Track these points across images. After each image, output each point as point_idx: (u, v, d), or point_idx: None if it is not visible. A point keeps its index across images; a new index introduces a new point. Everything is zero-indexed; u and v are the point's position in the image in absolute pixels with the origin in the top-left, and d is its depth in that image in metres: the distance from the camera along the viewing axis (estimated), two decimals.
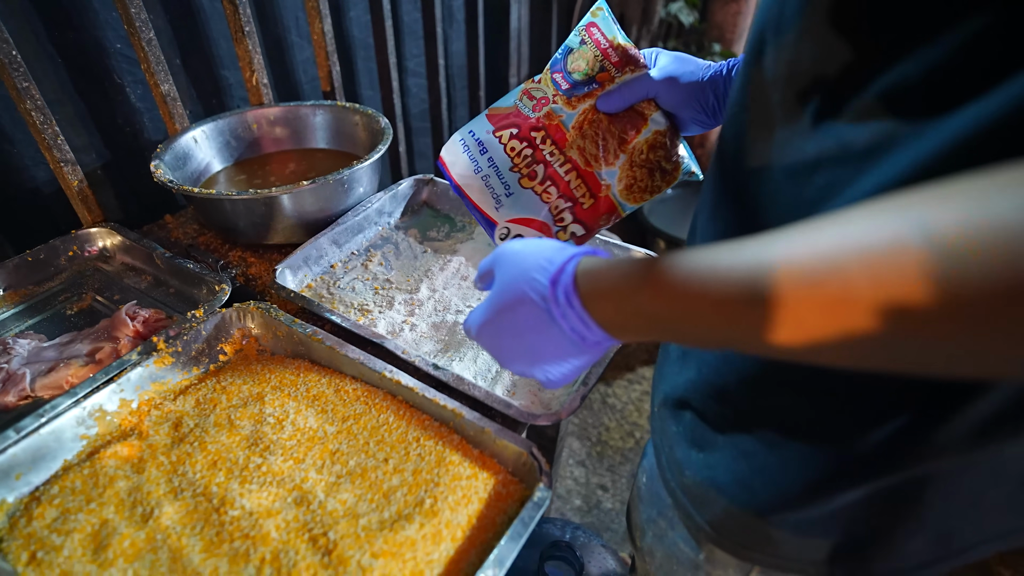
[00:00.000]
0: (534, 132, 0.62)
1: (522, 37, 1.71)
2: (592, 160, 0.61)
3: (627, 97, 0.58)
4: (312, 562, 0.47)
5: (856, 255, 0.22)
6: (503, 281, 0.38)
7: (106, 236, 0.87)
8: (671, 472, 0.49)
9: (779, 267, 0.24)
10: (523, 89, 0.63)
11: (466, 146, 0.66)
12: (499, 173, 0.63)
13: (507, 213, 0.64)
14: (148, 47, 0.86)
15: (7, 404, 0.64)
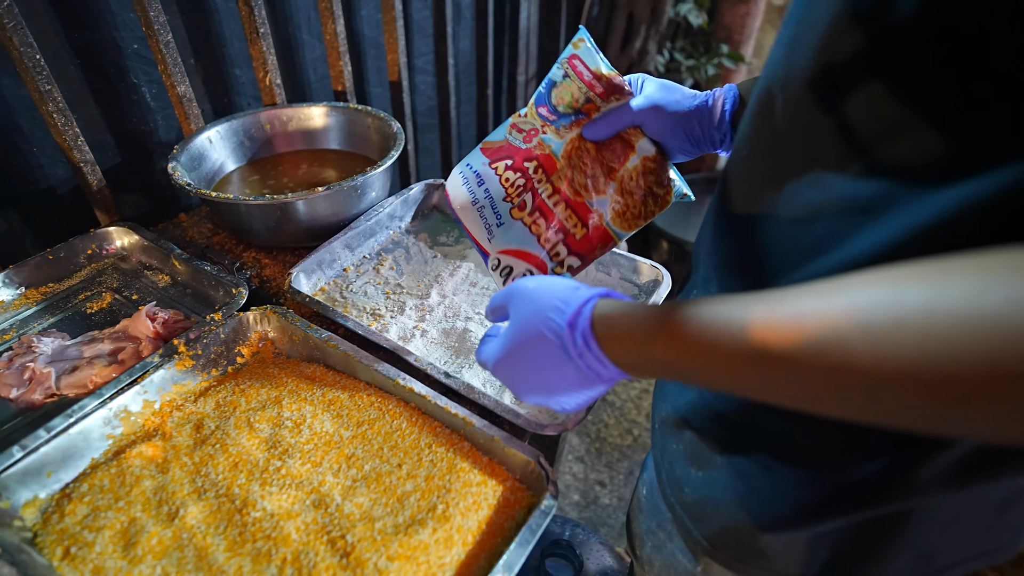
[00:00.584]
0: (527, 162, 0.63)
1: (531, 35, 1.72)
2: (581, 190, 0.61)
3: (612, 125, 0.58)
4: (331, 563, 0.50)
5: (859, 328, 0.24)
6: (519, 319, 0.40)
7: (123, 235, 0.88)
8: (671, 488, 0.51)
9: (788, 331, 0.26)
10: (511, 123, 0.65)
11: (465, 179, 0.67)
12: (493, 204, 0.65)
13: (499, 244, 0.64)
14: (166, 49, 0.87)
15: (33, 402, 0.67)
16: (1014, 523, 0.42)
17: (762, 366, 0.27)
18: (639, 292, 0.84)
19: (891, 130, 0.28)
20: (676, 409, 0.49)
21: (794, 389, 0.27)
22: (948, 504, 0.38)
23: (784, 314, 0.26)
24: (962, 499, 0.38)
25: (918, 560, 0.41)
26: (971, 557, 0.42)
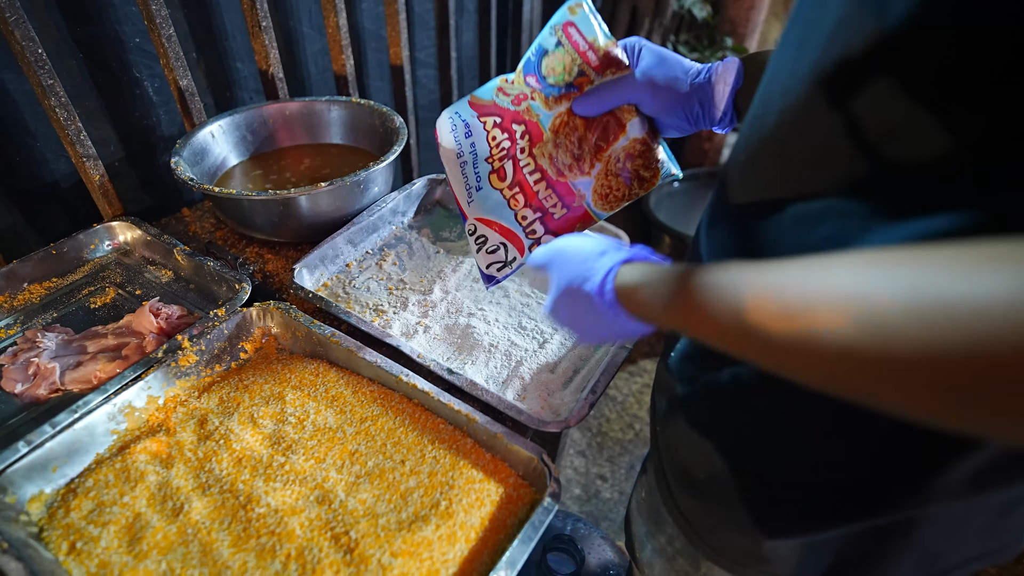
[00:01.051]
0: (515, 125, 0.60)
1: (534, 28, 1.71)
2: (565, 169, 0.59)
3: (605, 102, 0.55)
4: (335, 559, 0.50)
5: (825, 299, 0.25)
6: (559, 284, 0.46)
7: (126, 230, 0.88)
8: (671, 491, 0.51)
9: (763, 300, 0.28)
10: (497, 86, 0.61)
11: (454, 126, 0.64)
12: (475, 162, 0.62)
13: (476, 210, 0.63)
14: (168, 43, 0.87)
15: (38, 397, 0.67)
16: (1017, 525, 0.42)
17: (751, 338, 0.28)
18: None
19: (902, 129, 0.28)
20: (675, 411, 0.49)
21: (772, 360, 0.28)
22: (955, 510, 0.38)
23: (784, 300, 0.27)
24: (969, 505, 0.38)
25: (921, 562, 0.41)
26: (974, 558, 0.42)
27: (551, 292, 0.47)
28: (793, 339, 0.26)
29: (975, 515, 0.39)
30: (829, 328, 0.24)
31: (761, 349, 0.28)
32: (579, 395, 0.68)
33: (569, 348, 0.75)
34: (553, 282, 0.47)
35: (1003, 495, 0.38)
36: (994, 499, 0.38)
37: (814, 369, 0.26)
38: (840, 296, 0.24)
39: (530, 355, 0.73)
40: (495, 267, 0.65)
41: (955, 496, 0.35)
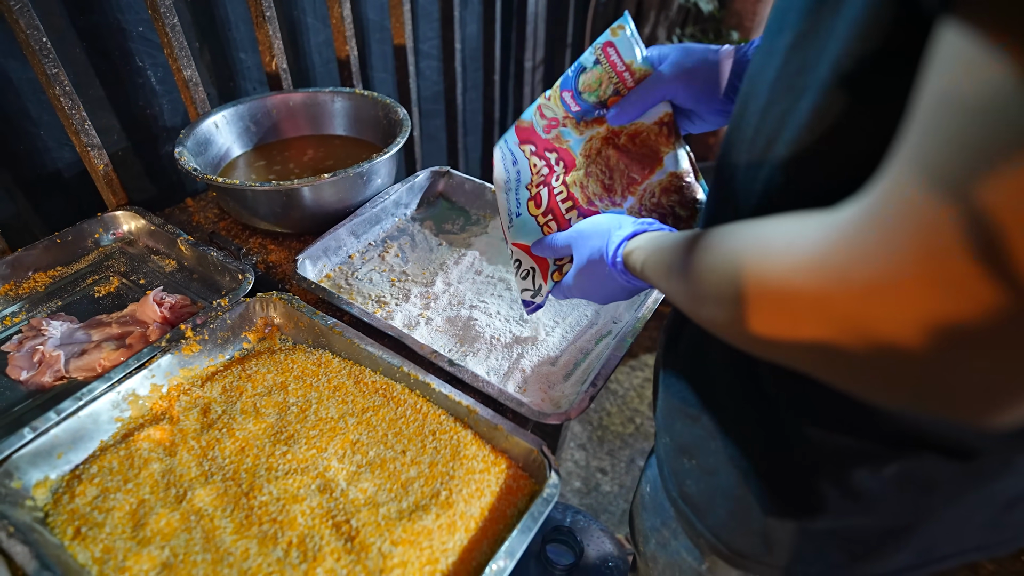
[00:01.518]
0: (548, 152, 0.61)
1: (539, 21, 1.70)
2: (595, 199, 0.58)
3: (639, 104, 0.54)
4: (336, 547, 0.51)
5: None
6: (582, 257, 0.53)
7: (130, 219, 0.89)
8: (672, 482, 0.52)
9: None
10: (537, 105, 0.61)
11: (503, 155, 0.64)
12: (518, 188, 0.62)
13: (514, 236, 0.64)
14: (172, 32, 0.87)
15: (43, 384, 0.67)
16: (1018, 520, 0.42)
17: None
18: None
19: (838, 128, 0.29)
20: (674, 401, 0.50)
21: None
22: (960, 505, 0.39)
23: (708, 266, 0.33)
24: (971, 502, 0.38)
25: (919, 552, 0.42)
26: (971, 549, 0.43)
27: (573, 267, 0.55)
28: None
29: (980, 511, 0.40)
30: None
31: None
32: (580, 388, 0.69)
33: (570, 341, 0.75)
34: (575, 258, 0.54)
35: (1009, 490, 0.38)
36: (999, 495, 0.38)
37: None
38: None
39: (531, 348, 0.73)
40: (528, 293, 0.65)
41: (953, 486, 0.36)
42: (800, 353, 0.26)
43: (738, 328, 0.28)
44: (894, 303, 0.20)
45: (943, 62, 0.19)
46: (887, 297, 0.21)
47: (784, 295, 0.25)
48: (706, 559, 0.51)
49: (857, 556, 0.42)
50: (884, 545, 0.41)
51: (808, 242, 0.24)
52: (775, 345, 0.27)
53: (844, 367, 0.24)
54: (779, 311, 0.26)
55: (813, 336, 0.24)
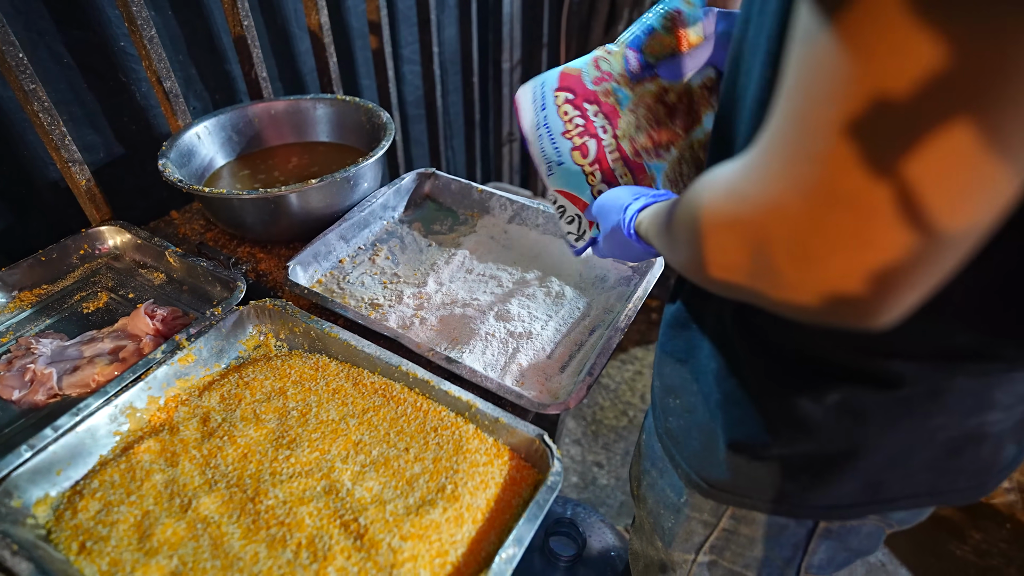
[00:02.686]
0: (587, 104, 0.62)
1: (515, 22, 1.71)
2: (642, 151, 0.62)
3: (692, 67, 0.59)
4: (346, 545, 0.51)
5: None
6: (606, 226, 0.58)
7: (116, 234, 0.88)
8: (659, 421, 0.57)
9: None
10: (595, 56, 0.62)
11: (535, 97, 0.64)
12: (551, 136, 0.63)
13: (557, 183, 0.65)
14: (150, 44, 0.87)
15: (37, 403, 0.67)
16: (968, 468, 0.44)
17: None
18: (633, 273, 0.85)
19: None
20: (667, 346, 0.55)
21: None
22: (896, 441, 0.42)
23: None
24: (910, 438, 0.42)
25: (866, 488, 0.45)
26: (923, 493, 0.46)
27: (601, 234, 0.60)
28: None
29: (918, 450, 0.43)
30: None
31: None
32: (576, 378, 0.70)
33: (564, 334, 0.76)
34: (602, 227, 0.60)
35: (945, 431, 0.41)
36: (936, 434, 0.41)
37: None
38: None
39: (526, 342, 0.74)
40: (572, 237, 0.68)
41: (886, 417, 0.41)
42: (732, 276, 0.30)
43: (695, 265, 0.33)
44: (778, 208, 0.25)
45: (800, 31, 0.24)
46: (773, 205, 0.25)
47: (710, 224, 0.30)
48: (684, 492, 0.55)
49: (805, 485, 0.45)
50: (829, 472, 0.44)
51: (722, 177, 0.30)
52: (715, 275, 0.31)
53: (752, 280, 0.29)
54: (710, 239, 0.30)
55: (731, 256, 0.29)
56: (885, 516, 0.49)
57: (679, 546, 0.59)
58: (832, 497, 0.46)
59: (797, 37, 0.24)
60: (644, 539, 0.67)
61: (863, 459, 0.43)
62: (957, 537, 1.42)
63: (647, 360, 1.92)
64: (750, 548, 0.54)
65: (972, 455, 0.44)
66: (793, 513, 0.49)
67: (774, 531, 0.52)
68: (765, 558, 0.54)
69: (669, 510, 0.59)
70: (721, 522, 0.54)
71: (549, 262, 0.88)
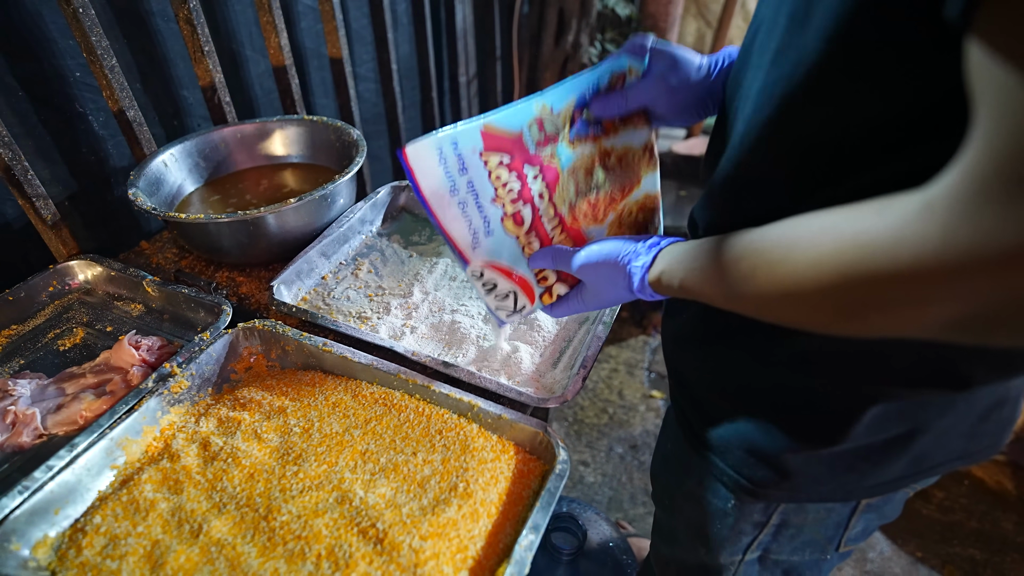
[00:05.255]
0: (528, 168, 0.55)
1: (468, 36, 1.75)
2: (581, 216, 0.59)
3: (622, 105, 0.56)
4: (367, 551, 0.52)
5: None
6: (596, 287, 0.56)
7: (87, 268, 0.86)
8: (694, 432, 0.56)
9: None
10: (536, 117, 0.55)
11: (443, 158, 0.53)
12: (478, 203, 0.55)
13: (485, 255, 0.57)
14: (111, 74, 0.85)
15: (22, 445, 0.64)
16: (992, 430, 0.49)
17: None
18: None
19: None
20: (693, 362, 0.55)
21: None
22: (946, 417, 0.45)
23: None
24: (958, 412, 0.45)
25: (912, 462, 0.48)
26: (956, 458, 0.49)
27: (584, 293, 0.58)
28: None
29: (961, 421, 0.46)
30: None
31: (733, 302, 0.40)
32: (569, 372, 0.72)
33: (553, 331, 0.79)
34: (589, 286, 0.57)
35: (984, 400, 0.45)
36: (976, 405, 0.45)
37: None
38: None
39: (517, 342, 0.76)
40: (503, 312, 0.63)
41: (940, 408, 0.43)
42: (923, 327, 0.29)
43: (845, 320, 0.31)
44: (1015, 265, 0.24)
45: (992, 84, 0.24)
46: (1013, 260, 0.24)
47: (912, 280, 0.27)
48: (732, 497, 0.55)
49: (862, 471, 0.48)
50: (885, 457, 0.47)
51: (923, 228, 0.26)
52: (895, 325, 0.29)
53: (973, 327, 0.27)
54: (906, 297, 0.28)
55: (946, 312, 0.27)
56: (917, 482, 0.52)
57: (727, 550, 0.60)
58: (882, 476, 0.48)
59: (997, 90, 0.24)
60: (678, 546, 0.67)
61: (916, 441, 0.46)
62: (922, 497, 1.51)
63: (621, 357, 1.97)
64: (797, 536, 0.56)
65: (996, 417, 0.48)
66: (846, 497, 0.51)
67: (821, 515, 0.54)
68: (810, 540, 0.56)
69: (713, 516, 0.59)
70: (772, 519, 0.55)
71: None
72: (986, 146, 0.24)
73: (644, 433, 1.72)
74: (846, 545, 0.57)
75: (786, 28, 0.37)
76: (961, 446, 0.49)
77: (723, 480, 0.55)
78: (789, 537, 0.57)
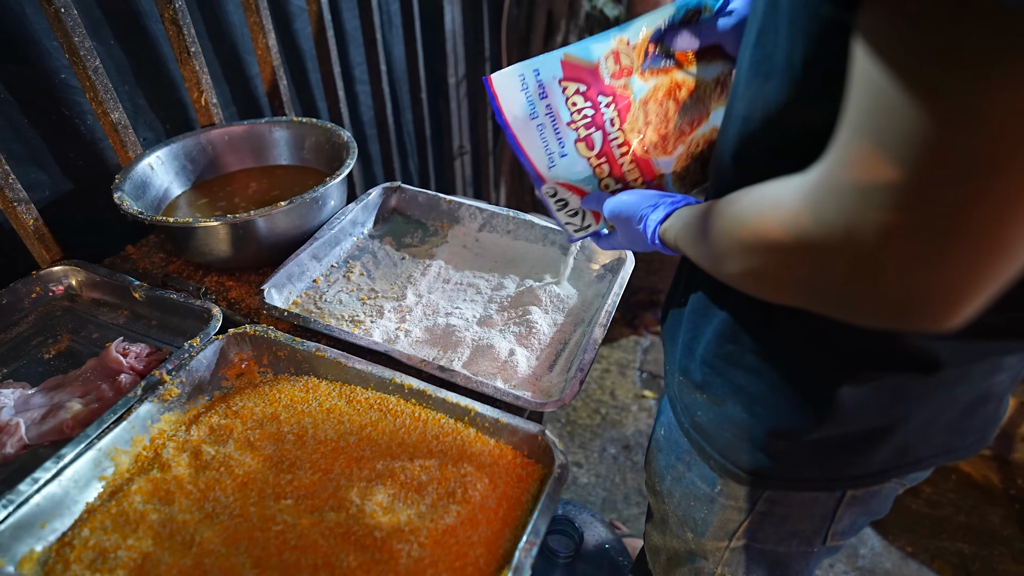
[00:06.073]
0: (601, 96, 0.59)
1: (457, 37, 1.74)
2: (651, 147, 0.61)
3: (695, 39, 0.58)
4: (364, 560, 0.51)
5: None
6: (624, 231, 0.59)
7: (71, 274, 0.84)
8: (685, 415, 0.58)
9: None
10: (613, 49, 0.58)
11: (524, 84, 0.58)
12: (555, 126, 0.59)
13: (559, 175, 0.62)
14: (95, 75, 0.84)
15: (6, 456, 0.63)
16: (978, 425, 0.49)
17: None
18: (605, 272, 0.89)
19: None
20: (684, 349, 0.57)
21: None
22: (927, 408, 0.46)
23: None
24: (939, 403, 0.45)
25: (894, 455, 0.49)
26: (941, 452, 0.50)
27: (618, 235, 0.61)
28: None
29: (943, 413, 0.47)
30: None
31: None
32: (567, 375, 0.72)
33: (548, 334, 0.79)
34: (619, 231, 0.60)
35: (968, 394, 0.45)
36: (960, 398, 0.46)
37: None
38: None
39: (512, 346, 0.76)
40: (572, 228, 0.67)
41: (920, 391, 0.43)
42: (793, 289, 0.33)
43: (749, 276, 0.35)
44: (852, 243, 0.27)
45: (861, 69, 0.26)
46: (848, 238, 0.27)
47: (777, 243, 0.32)
48: (719, 483, 0.57)
49: (844, 461, 0.49)
50: (866, 447, 0.48)
51: (789, 198, 0.31)
52: (779, 288, 0.34)
53: (829, 297, 0.31)
54: (776, 257, 0.32)
55: (800, 274, 0.31)
56: (904, 477, 0.52)
57: (713, 535, 0.61)
58: (865, 466, 0.49)
59: (867, 66, 0.26)
60: (668, 533, 0.68)
61: (897, 431, 0.46)
62: (911, 492, 1.52)
63: (613, 358, 1.97)
64: (782, 525, 0.57)
65: (981, 413, 0.48)
66: (829, 487, 0.52)
67: (806, 505, 0.54)
68: (796, 531, 0.57)
69: (701, 501, 0.60)
70: (757, 506, 0.56)
71: (524, 267, 0.90)
72: (834, 141, 0.28)
73: (637, 433, 1.72)
74: (833, 539, 0.58)
75: (764, 10, 0.38)
76: (945, 440, 0.49)
77: (711, 464, 0.56)
78: (775, 525, 0.58)
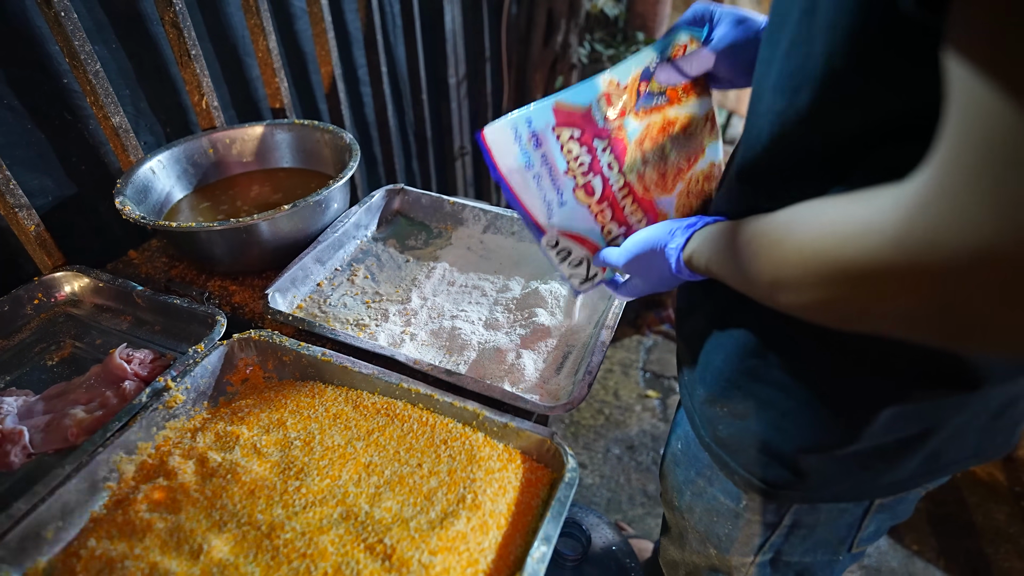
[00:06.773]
0: (597, 140, 0.58)
1: (457, 37, 1.73)
2: (652, 186, 0.61)
3: (687, 72, 0.57)
4: (375, 568, 0.51)
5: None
6: (643, 273, 0.57)
7: (73, 279, 0.83)
8: (706, 429, 0.56)
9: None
10: (604, 92, 0.57)
11: (518, 136, 0.57)
12: (552, 175, 0.58)
13: (560, 224, 0.60)
14: (95, 79, 0.83)
15: (10, 465, 0.62)
16: (1005, 427, 0.49)
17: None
18: None
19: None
20: (703, 361, 0.55)
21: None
22: (960, 418, 0.45)
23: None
24: (972, 411, 0.45)
25: (927, 460, 0.48)
26: (970, 456, 0.49)
27: (635, 280, 0.59)
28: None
29: (977, 417, 0.46)
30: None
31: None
32: (574, 378, 0.71)
33: (555, 336, 0.78)
34: (638, 274, 0.58)
35: (996, 399, 0.45)
36: (990, 403, 0.45)
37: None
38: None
39: (519, 348, 0.75)
40: (576, 280, 0.65)
41: (955, 404, 0.42)
42: (889, 321, 0.29)
43: (822, 307, 0.31)
44: (980, 263, 0.23)
45: (962, 89, 0.24)
46: (975, 259, 0.23)
47: (873, 273, 0.27)
48: (744, 497, 0.55)
49: (877, 471, 0.48)
50: (899, 457, 0.46)
51: (887, 220, 0.26)
52: (865, 318, 0.30)
53: (933, 326, 0.27)
54: (869, 288, 0.28)
55: (904, 305, 0.27)
56: (932, 481, 0.51)
57: (738, 551, 0.59)
58: (896, 475, 0.48)
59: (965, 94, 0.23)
60: (688, 548, 0.67)
61: (931, 438, 0.45)
62: None
63: (616, 358, 1.97)
64: (809, 537, 0.56)
65: (1010, 415, 0.47)
66: (859, 497, 0.51)
67: (834, 515, 0.53)
68: (822, 541, 0.56)
69: (724, 517, 0.58)
70: (784, 520, 0.54)
71: (529, 269, 0.90)
72: (946, 151, 0.24)
73: (641, 433, 1.71)
74: (858, 546, 0.57)
75: (798, 20, 0.37)
76: (975, 443, 0.49)
77: (735, 479, 0.54)
78: (801, 538, 0.56)
